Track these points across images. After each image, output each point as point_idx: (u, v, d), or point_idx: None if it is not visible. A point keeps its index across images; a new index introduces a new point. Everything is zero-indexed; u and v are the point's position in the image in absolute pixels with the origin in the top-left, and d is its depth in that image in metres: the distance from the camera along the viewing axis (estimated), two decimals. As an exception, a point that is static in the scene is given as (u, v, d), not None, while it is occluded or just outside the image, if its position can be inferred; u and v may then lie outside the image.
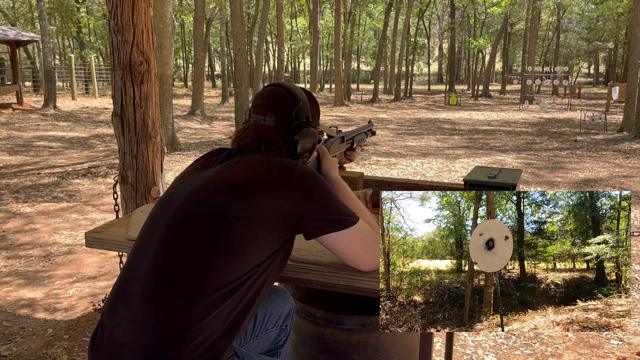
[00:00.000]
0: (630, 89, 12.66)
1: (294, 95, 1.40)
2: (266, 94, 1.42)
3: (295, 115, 1.39)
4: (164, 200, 1.35)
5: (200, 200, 1.25)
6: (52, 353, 2.74)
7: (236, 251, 1.18)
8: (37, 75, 22.02)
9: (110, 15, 2.75)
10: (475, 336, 2.94)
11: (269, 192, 1.23)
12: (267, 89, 1.44)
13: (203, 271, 1.17)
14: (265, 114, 1.38)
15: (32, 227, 5.05)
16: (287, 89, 1.42)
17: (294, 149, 1.38)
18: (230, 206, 1.21)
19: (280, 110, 1.38)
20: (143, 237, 1.30)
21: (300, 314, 1.87)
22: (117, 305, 1.22)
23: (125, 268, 1.29)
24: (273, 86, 1.44)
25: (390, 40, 30.48)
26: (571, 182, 7.36)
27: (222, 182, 1.26)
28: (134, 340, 1.15)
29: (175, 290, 1.16)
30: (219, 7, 22.27)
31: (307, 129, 1.40)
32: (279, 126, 1.38)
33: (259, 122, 1.38)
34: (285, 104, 1.39)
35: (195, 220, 1.22)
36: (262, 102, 1.40)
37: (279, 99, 1.40)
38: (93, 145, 10.67)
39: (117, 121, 2.88)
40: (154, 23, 8.69)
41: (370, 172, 7.91)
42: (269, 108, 1.39)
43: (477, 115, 18.83)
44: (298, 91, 1.43)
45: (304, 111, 1.41)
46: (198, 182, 1.29)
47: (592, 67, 53.10)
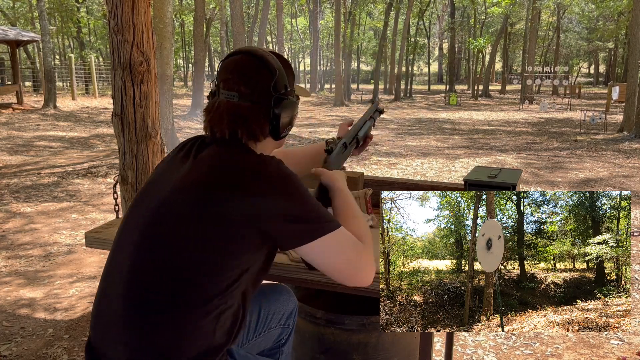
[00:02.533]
0: (630, 88, 12.66)
1: (269, 65, 1.21)
2: (234, 65, 1.23)
3: (274, 88, 1.21)
4: (137, 202, 1.25)
5: (172, 209, 1.15)
6: (52, 353, 2.74)
7: (211, 263, 1.10)
8: (37, 75, 22.02)
9: (110, 15, 2.75)
10: (475, 336, 2.94)
11: (237, 193, 1.11)
12: (234, 59, 1.24)
13: (180, 289, 1.10)
14: (237, 89, 1.20)
15: (32, 227, 5.05)
16: (259, 56, 1.22)
17: (277, 126, 1.22)
18: (199, 213, 1.11)
19: (256, 84, 1.20)
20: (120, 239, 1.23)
21: (300, 314, 1.87)
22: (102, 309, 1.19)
23: (105, 272, 1.22)
24: (241, 54, 1.24)
25: (390, 40, 30.47)
26: (571, 182, 7.36)
27: (190, 186, 1.14)
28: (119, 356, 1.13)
29: (157, 307, 1.11)
30: (219, 7, 22.27)
31: (287, 100, 1.23)
32: (256, 101, 1.20)
33: (232, 100, 1.20)
34: (260, 76, 1.21)
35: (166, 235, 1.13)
36: (232, 76, 1.21)
37: (252, 71, 1.21)
38: (93, 145, 10.67)
39: (117, 121, 2.89)
40: (154, 23, 8.69)
41: (370, 172, 7.91)
42: (241, 82, 1.20)
43: (477, 115, 18.83)
44: (271, 58, 1.23)
45: (282, 80, 1.23)
46: (169, 185, 1.19)
47: (592, 67, 53.10)
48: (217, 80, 1.24)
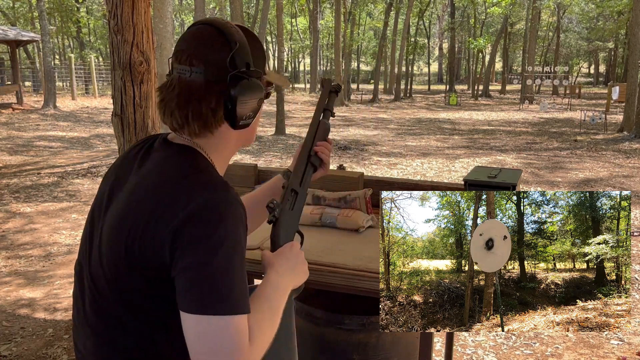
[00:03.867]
0: (630, 89, 12.66)
1: (228, 35, 1.03)
2: (191, 36, 1.06)
3: (231, 63, 1.02)
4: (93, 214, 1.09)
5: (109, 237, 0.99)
6: (52, 353, 2.74)
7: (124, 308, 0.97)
8: (37, 75, 22.02)
9: (110, 15, 2.75)
10: (475, 336, 2.94)
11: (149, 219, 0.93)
12: (192, 29, 1.07)
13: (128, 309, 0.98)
14: (190, 63, 1.02)
15: (32, 227, 5.05)
16: (218, 27, 1.04)
17: (232, 110, 1.02)
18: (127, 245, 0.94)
19: (211, 57, 1.02)
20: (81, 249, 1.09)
21: (300, 314, 1.87)
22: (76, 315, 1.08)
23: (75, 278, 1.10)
24: (200, 25, 1.07)
25: (390, 40, 30.49)
26: (571, 182, 7.36)
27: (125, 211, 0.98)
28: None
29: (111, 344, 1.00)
30: (219, 7, 22.27)
31: (247, 80, 1.03)
32: (209, 80, 1.02)
33: (184, 75, 1.03)
34: (216, 49, 1.02)
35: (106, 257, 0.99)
36: (186, 47, 1.04)
37: (207, 42, 1.03)
38: (93, 145, 10.67)
39: (117, 121, 2.89)
40: (154, 23, 8.68)
41: (370, 172, 7.91)
42: (194, 55, 1.02)
43: (477, 115, 18.84)
44: (234, 29, 1.05)
45: (243, 56, 1.03)
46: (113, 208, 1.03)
47: (592, 67, 53.12)
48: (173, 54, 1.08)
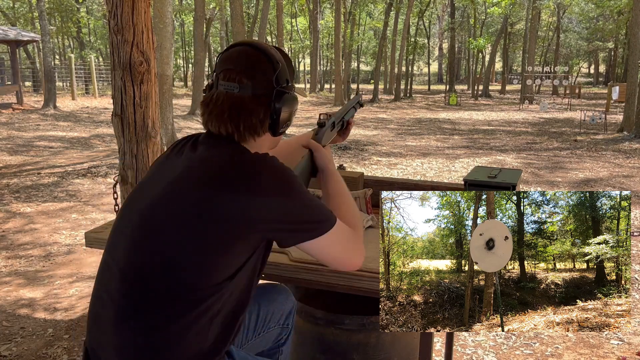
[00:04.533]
0: (630, 89, 12.66)
1: (271, 57, 1.20)
2: (237, 56, 1.21)
3: (276, 81, 1.19)
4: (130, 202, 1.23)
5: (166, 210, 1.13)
6: (52, 353, 2.74)
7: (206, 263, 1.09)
8: (37, 75, 22.02)
9: (110, 15, 2.75)
10: (475, 336, 2.94)
11: (236, 193, 1.09)
12: (236, 49, 1.22)
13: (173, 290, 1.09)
14: (240, 81, 1.17)
15: (32, 227, 5.05)
16: (261, 49, 1.21)
17: (277, 120, 1.21)
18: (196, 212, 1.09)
19: (258, 75, 1.18)
20: (113, 242, 1.21)
21: (300, 314, 1.87)
22: (96, 320, 1.18)
23: (99, 275, 1.21)
24: (243, 46, 1.22)
25: (390, 40, 30.47)
26: (571, 182, 7.36)
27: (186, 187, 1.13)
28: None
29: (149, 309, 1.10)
30: (219, 7, 22.27)
31: (289, 94, 1.22)
32: (257, 94, 1.18)
33: (232, 92, 1.17)
34: (263, 69, 1.19)
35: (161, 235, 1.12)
36: (234, 67, 1.19)
37: (254, 62, 1.19)
38: (93, 145, 10.67)
39: (117, 121, 2.89)
40: (154, 23, 8.69)
41: (370, 172, 7.91)
42: (243, 73, 1.18)
43: (477, 115, 18.83)
44: (274, 50, 1.23)
45: (284, 74, 1.22)
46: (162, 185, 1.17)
47: (592, 67, 53.11)
48: (217, 72, 1.21)
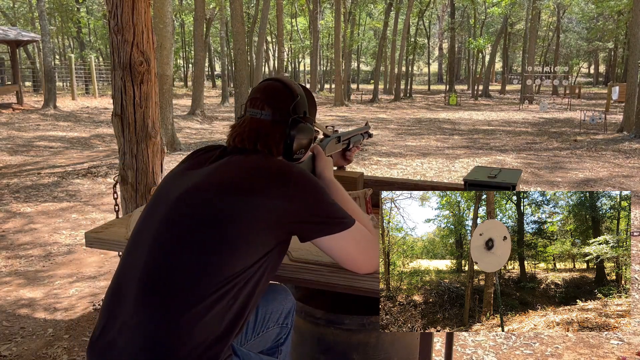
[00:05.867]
0: (630, 89, 12.66)
1: (292, 90, 1.39)
2: (263, 87, 1.41)
3: (293, 110, 1.37)
4: (155, 199, 1.33)
5: (193, 200, 1.23)
6: (52, 353, 2.74)
7: (229, 252, 1.17)
8: (37, 75, 22.02)
9: (110, 15, 2.75)
10: (475, 336, 2.94)
11: (265, 193, 1.21)
12: (264, 83, 1.43)
13: (196, 274, 1.16)
14: (262, 107, 1.37)
15: (32, 227, 5.05)
16: (285, 83, 1.41)
17: (290, 145, 1.36)
18: (224, 207, 1.20)
19: (278, 104, 1.37)
20: (135, 239, 1.29)
21: (300, 314, 1.87)
22: (113, 308, 1.22)
23: (119, 270, 1.28)
24: (271, 80, 1.43)
25: (390, 40, 30.47)
26: (571, 182, 7.36)
27: (217, 182, 1.24)
28: (129, 344, 1.15)
29: (169, 294, 1.15)
30: (219, 7, 22.27)
31: (303, 124, 1.38)
32: (276, 120, 1.36)
33: (256, 116, 1.37)
34: (282, 98, 1.38)
35: (188, 221, 1.21)
36: (260, 96, 1.38)
37: (276, 93, 1.38)
38: (93, 145, 10.67)
39: (117, 121, 2.89)
40: (154, 23, 8.69)
41: (370, 172, 7.91)
42: (266, 102, 1.37)
43: (477, 115, 18.83)
44: (296, 86, 1.42)
45: (302, 106, 1.40)
46: (191, 182, 1.27)
47: (592, 67, 53.10)
48: (246, 102, 1.42)
